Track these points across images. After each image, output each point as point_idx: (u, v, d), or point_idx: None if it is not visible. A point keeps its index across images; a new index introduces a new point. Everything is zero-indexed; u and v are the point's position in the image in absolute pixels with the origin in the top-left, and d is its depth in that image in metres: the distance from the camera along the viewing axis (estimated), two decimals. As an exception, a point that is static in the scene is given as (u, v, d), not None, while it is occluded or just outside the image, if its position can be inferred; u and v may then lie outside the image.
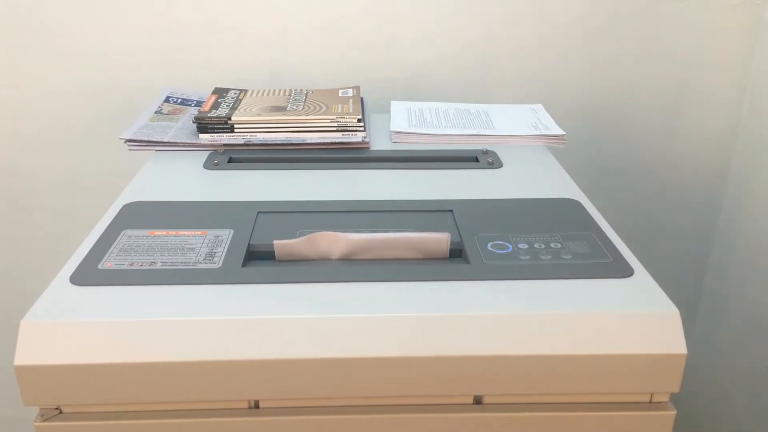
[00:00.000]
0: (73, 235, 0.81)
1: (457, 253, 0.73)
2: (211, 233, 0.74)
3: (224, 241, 0.72)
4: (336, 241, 0.71)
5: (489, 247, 0.72)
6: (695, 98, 1.36)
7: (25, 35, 1.25)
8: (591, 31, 1.31)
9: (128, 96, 1.29)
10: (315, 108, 1.06)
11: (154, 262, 0.68)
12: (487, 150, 1.02)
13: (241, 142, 1.02)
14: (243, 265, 0.68)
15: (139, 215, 0.79)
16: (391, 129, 1.09)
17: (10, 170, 1.34)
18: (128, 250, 0.70)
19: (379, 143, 1.05)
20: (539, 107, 1.21)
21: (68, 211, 1.36)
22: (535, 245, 0.72)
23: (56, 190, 1.35)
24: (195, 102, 1.17)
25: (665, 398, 0.64)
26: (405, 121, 1.12)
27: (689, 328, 1.32)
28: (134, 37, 1.27)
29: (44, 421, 0.61)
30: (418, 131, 1.08)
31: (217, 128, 1.02)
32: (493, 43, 1.30)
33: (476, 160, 0.99)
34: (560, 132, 1.07)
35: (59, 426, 0.61)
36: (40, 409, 0.62)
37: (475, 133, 1.08)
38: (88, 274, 0.66)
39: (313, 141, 1.02)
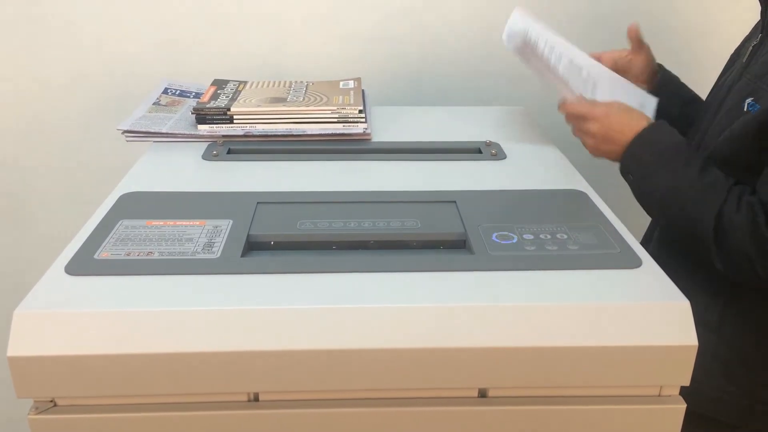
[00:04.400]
0: (69, 226, 0.80)
1: (460, 243, 0.72)
2: (210, 223, 0.72)
3: (223, 231, 0.71)
4: None
5: (493, 238, 0.70)
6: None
7: (23, 28, 1.24)
8: (597, 28, 1.29)
9: (126, 88, 1.28)
10: (316, 99, 1.05)
11: (151, 252, 0.67)
12: (490, 141, 1.00)
13: (241, 133, 1.00)
14: (242, 255, 0.67)
15: (136, 205, 0.77)
16: (507, 27, 0.99)
17: (7, 162, 1.32)
18: (125, 240, 0.69)
19: (381, 135, 1.04)
20: (652, 102, 1.02)
21: (65, 202, 1.35)
22: (541, 236, 0.71)
23: (53, 181, 1.34)
24: (194, 93, 1.15)
25: (675, 391, 0.63)
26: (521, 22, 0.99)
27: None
28: (133, 29, 1.25)
29: (38, 413, 0.60)
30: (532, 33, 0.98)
31: (216, 119, 1.00)
32: (497, 37, 1.28)
33: (479, 151, 0.98)
34: None
35: (54, 419, 0.60)
36: (34, 401, 0.60)
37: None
38: (83, 264, 0.65)
39: (314, 132, 1.00)
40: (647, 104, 1.00)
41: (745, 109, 0.81)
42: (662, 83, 1.03)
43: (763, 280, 0.78)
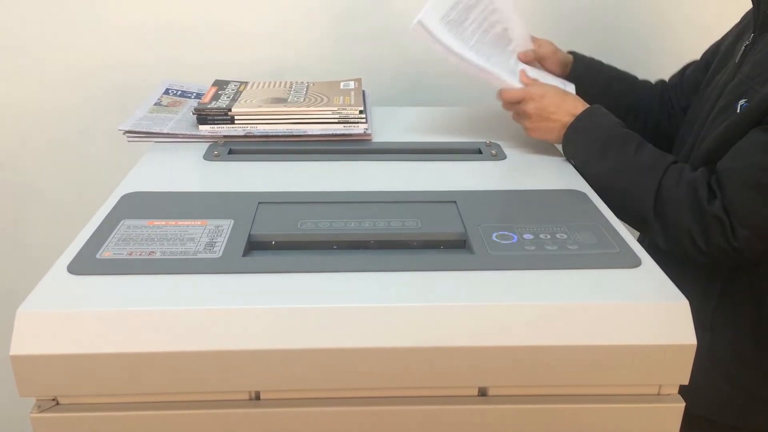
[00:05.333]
0: (71, 226, 0.80)
1: (461, 243, 0.72)
2: (212, 223, 0.73)
3: (224, 231, 0.71)
4: None
5: (493, 238, 0.71)
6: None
7: (23, 28, 1.24)
8: (597, 24, 1.30)
9: (127, 89, 1.28)
10: (316, 100, 1.05)
11: (153, 252, 0.67)
12: (490, 142, 1.01)
13: (242, 133, 1.00)
14: (243, 255, 0.67)
15: (138, 205, 0.78)
16: (420, 16, 0.95)
17: (8, 162, 1.33)
18: (127, 240, 0.69)
19: (381, 135, 1.04)
20: (571, 87, 1.06)
21: (67, 202, 1.35)
22: (541, 236, 0.71)
23: (55, 182, 1.34)
24: (195, 94, 1.16)
25: (674, 390, 0.63)
26: (442, 10, 0.98)
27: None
28: (134, 29, 1.25)
29: (41, 412, 0.60)
30: (442, 37, 0.95)
31: (217, 120, 1.01)
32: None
33: (479, 151, 0.98)
34: None
35: (56, 417, 0.60)
36: (37, 400, 0.61)
37: (490, 70, 0.98)
38: (85, 264, 0.65)
39: (315, 133, 1.01)
40: (567, 87, 1.03)
41: (738, 111, 0.82)
42: (577, 71, 1.06)
43: (705, 254, 0.79)
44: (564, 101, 0.93)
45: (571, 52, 1.09)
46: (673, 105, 1.08)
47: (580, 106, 0.92)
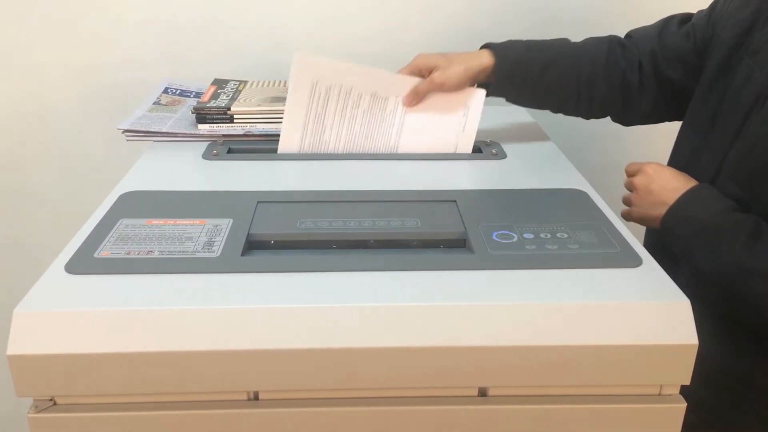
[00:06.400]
0: (69, 225, 0.80)
1: (461, 242, 0.72)
2: (210, 222, 0.72)
3: (223, 230, 0.71)
4: None
5: (494, 237, 0.70)
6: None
7: (23, 27, 1.24)
8: (595, 26, 1.29)
9: (126, 88, 1.27)
10: (316, 99, 1.04)
11: (151, 251, 0.67)
12: (490, 141, 1.00)
13: (241, 132, 1.00)
14: (242, 254, 0.67)
15: (136, 204, 0.77)
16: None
17: (7, 161, 1.32)
18: (125, 239, 0.69)
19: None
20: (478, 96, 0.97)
21: (65, 201, 1.35)
22: (541, 235, 0.71)
23: (53, 181, 1.34)
24: (194, 93, 1.15)
25: (675, 390, 0.63)
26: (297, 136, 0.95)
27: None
28: (133, 29, 1.25)
29: (38, 412, 0.60)
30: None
31: (216, 119, 1.00)
32: (497, 37, 1.28)
33: (479, 151, 0.98)
34: None
35: (53, 417, 0.60)
36: (34, 400, 0.60)
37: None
38: (83, 263, 0.65)
39: (314, 132, 1.00)
40: (472, 102, 0.97)
41: None
42: (501, 74, 0.94)
43: None
44: (672, 180, 0.83)
45: (488, 47, 0.96)
46: (644, 72, 0.95)
47: (685, 185, 0.82)
